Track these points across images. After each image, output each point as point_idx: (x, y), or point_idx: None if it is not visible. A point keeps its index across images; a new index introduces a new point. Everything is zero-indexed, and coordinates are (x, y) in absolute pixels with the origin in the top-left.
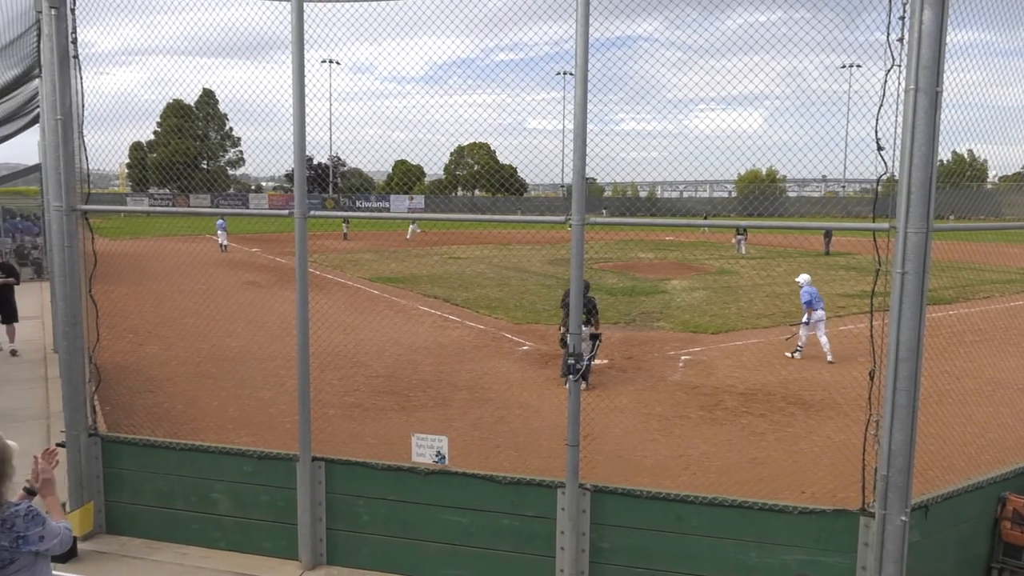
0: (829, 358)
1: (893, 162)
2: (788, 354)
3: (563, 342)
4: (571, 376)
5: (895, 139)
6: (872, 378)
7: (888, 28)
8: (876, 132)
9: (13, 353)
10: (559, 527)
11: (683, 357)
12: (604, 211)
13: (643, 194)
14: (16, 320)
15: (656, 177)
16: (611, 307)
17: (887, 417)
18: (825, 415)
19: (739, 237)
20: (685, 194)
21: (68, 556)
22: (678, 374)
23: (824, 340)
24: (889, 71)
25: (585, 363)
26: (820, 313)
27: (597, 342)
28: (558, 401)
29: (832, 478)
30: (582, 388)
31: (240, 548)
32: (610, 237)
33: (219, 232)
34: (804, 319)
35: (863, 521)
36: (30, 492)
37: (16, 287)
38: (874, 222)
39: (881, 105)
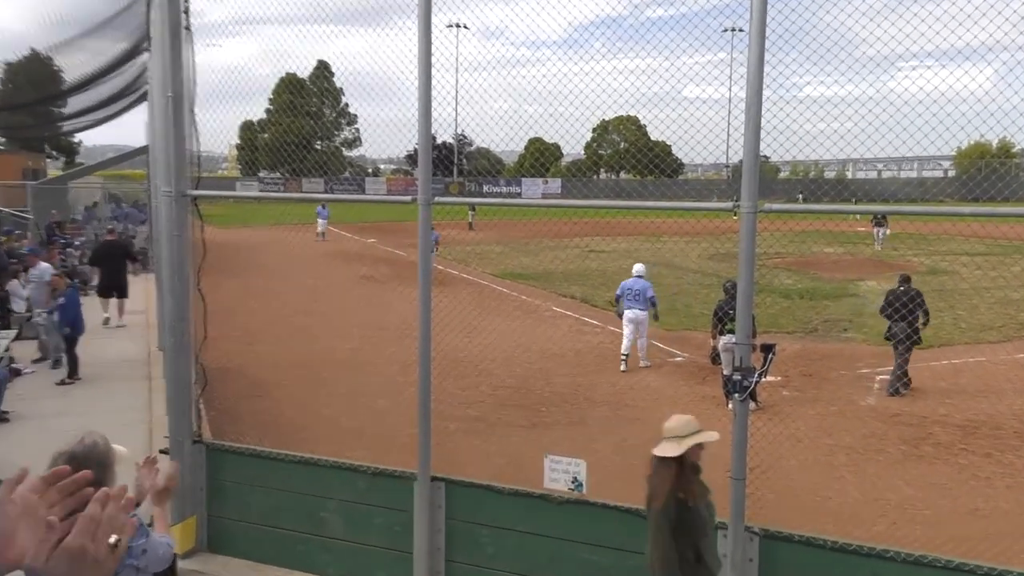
0: (642, 363)
1: None
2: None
3: (715, 358)
4: (737, 395)
5: None
6: None
7: None
8: None
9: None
10: None
11: (879, 377)
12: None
13: (830, 175)
14: (126, 296)
15: (848, 153)
16: (786, 312)
17: None
18: None
19: (879, 228)
20: (885, 174)
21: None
22: (872, 397)
23: (640, 341)
24: None
25: (754, 379)
26: (631, 313)
27: (771, 355)
28: (719, 425)
29: None
30: (750, 409)
31: (351, 575)
32: (787, 228)
33: (319, 220)
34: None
35: None
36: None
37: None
38: None
39: None
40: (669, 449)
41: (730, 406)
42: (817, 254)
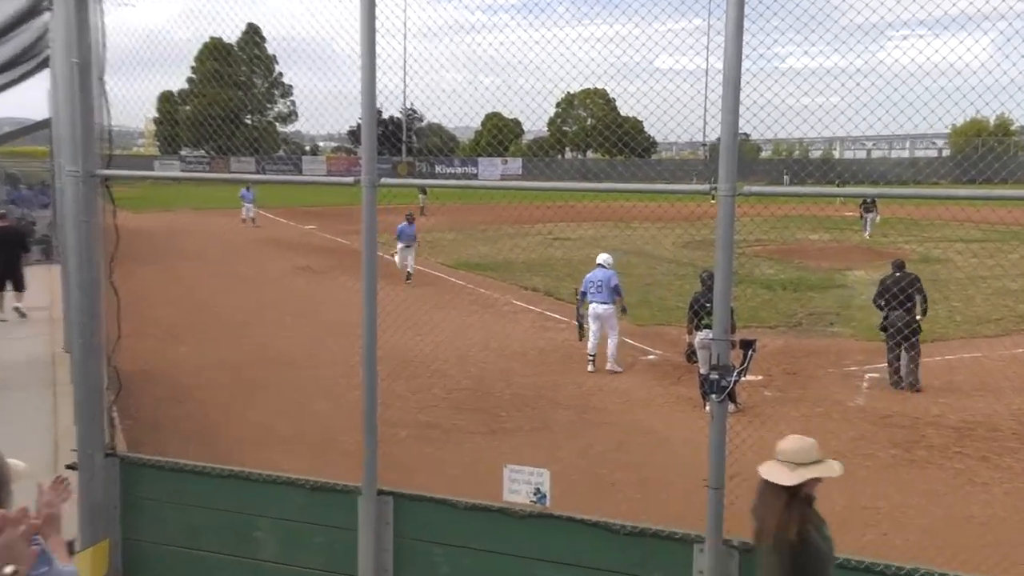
0: (609, 367)
1: None
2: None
3: (691, 355)
4: (714, 395)
5: None
6: None
7: None
8: None
9: (20, 313)
10: None
11: (869, 375)
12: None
13: (815, 154)
14: (23, 289)
15: (834, 131)
16: (768, 305)
17: None
18: None
19: (868, 213)
20: (875, 154)
21: None
22: (861, 397)
23: (611, 341)
24: None
25: (733, 378)
26: (593, 308)
27: (751, 351)
28: (695, 428)
29: None
30: (729, 411)
31: None
32: (768, 213)
33: (244, 204)
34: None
35: None
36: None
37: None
38: None
39: None
40: (782, 475)
41: (707, 408)
42: (801, 241)
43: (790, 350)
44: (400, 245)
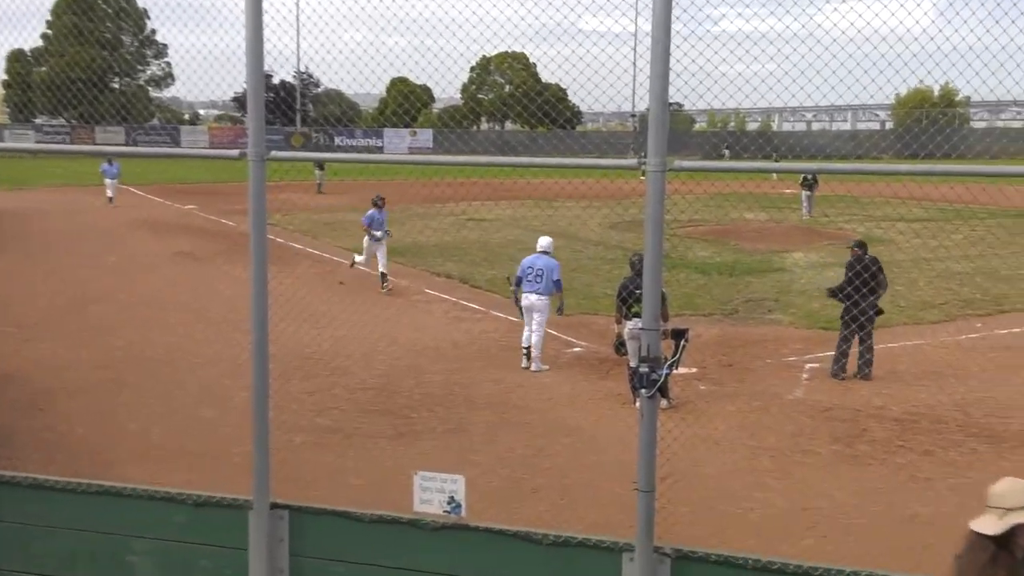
0: (534, 367)
1: None
2: None
3: (620, 346)
4: (644, 390)
5: None
6: None
7: None
8: None
9: None
10: None
11: (809, 365)
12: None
13: (752, 126)
14: None
15: (771, 101)
16: (702, 291)
17: None
18: None
19: (807, 192)
20: (815, 126)
21: None
22: (801, 390)
23: (534, 336)
24: None
25: (664, 371)
26: (530, 298)
27: (683, 341)
28: (624, 426)
29: None
30: (660, 407)
31: None
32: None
33: (106, 180)
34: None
35: None
36: None
37: None
38: None
39: None
40: (987, 524)
41: (637, 404)
42: (737, 221)
43: (726, 339)
44: (367, 240)
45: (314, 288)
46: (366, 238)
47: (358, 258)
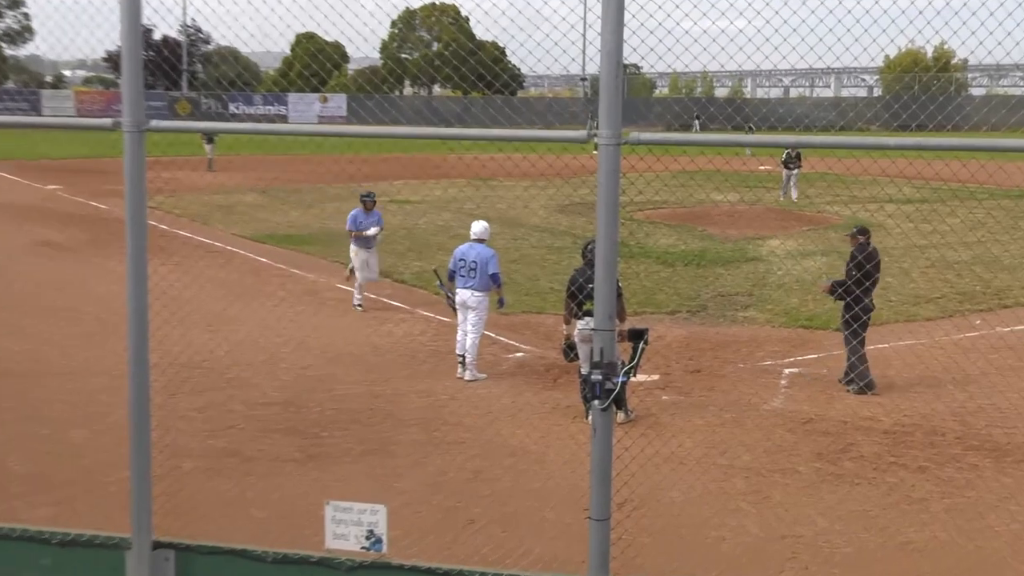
0: (469, 376)
1: None
2: None
3: (569, 350)
4: (597, 402)
5: None
6: None
7: None
8: None
9: None
10: None
11: (787, 370)
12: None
13: (722, 92)
14: None
15: (743, 65)
16: (665, 284)
17: None
18: None
19: (789, 170)
20: (793, 92)
21: None
22: (779, 399)
23: (469, 339)
24: None
25: (620, 379)
26: (463, 295)
27: (642, 344)
28: (575, 445)
29: None
30: (617, 421)
31: None
32: (663, 167)
33: None
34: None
35: None
36: None
37: None
38: None
39: None
40: None
41: (589, 418)
42: (705, 203)
43: (693, 341)
44: (353, 246)
45: (205, 284)
46: (352, 245)
47: (358, 276)
